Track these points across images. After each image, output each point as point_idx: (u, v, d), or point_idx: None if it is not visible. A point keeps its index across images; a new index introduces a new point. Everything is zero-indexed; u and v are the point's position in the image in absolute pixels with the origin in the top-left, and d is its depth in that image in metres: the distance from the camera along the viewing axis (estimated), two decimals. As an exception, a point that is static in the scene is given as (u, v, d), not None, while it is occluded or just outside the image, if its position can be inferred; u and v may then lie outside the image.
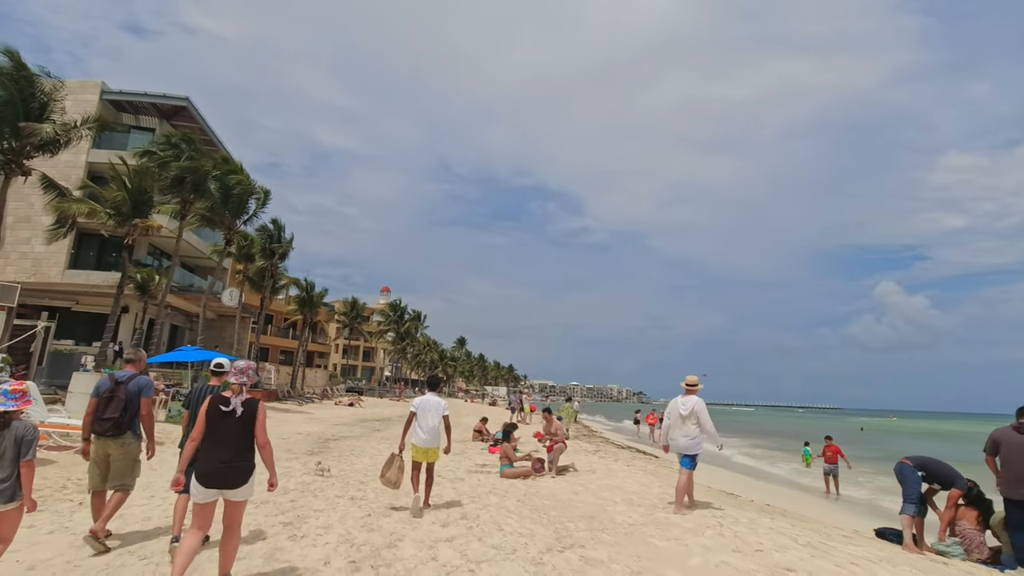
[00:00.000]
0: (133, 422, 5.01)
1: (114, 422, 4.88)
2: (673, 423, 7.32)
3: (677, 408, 7.31)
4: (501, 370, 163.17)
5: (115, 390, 4.98)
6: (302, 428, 18.57)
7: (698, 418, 7.03)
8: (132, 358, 5.40)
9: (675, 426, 7.29)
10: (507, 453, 9.97)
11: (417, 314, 79.30)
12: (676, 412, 7.29)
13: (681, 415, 7.21)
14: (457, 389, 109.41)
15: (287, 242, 33.08)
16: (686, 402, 7.24)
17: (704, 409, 7.14)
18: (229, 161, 23.69)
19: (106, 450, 4.93)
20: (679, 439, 7.19)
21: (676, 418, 7.27)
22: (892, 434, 50.60)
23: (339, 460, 11.21)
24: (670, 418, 7.40)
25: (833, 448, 14.77)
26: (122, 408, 4.92)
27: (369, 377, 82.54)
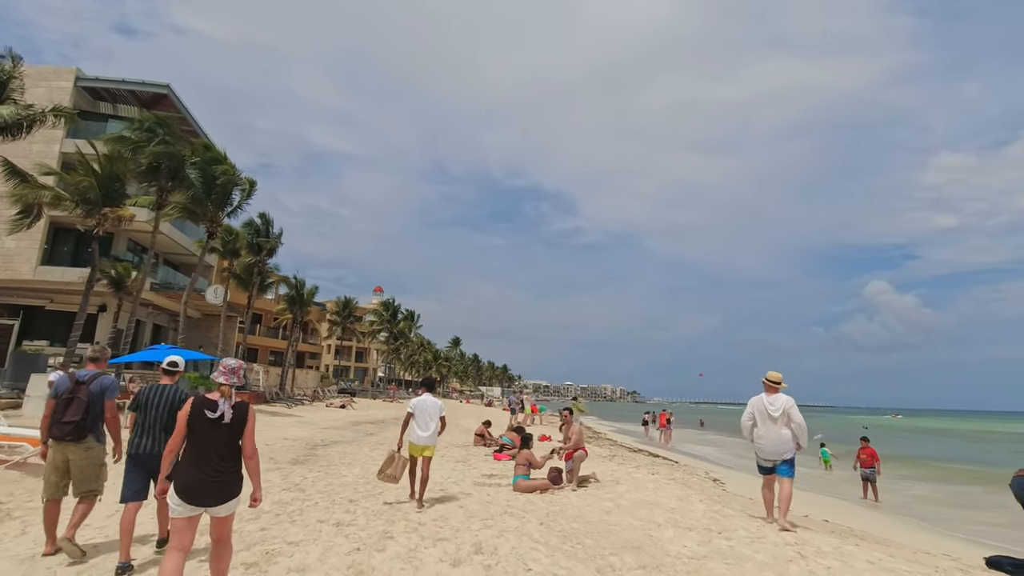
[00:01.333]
0: (96, 425, 4.67)
1: (75, 426, 4.54)
2: (761, 426, 6.60)
3: (764, 408, 6.59)
4: (495, 370, 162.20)
5: (76, 391, 4.64)
6: (289, 433, 17.18)
7: (791, 418, 6.40)
8: (95, 356, 5.02)
9: (764, 429, 6.57)
10: (531, 460, 8.66)
11: (410, 313, 77.87)
12: (764, 413, 6.58)
13: (772, 416, 6.50)
14: (451, 390, 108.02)
15: (275, 237, 31.57)
16: (775, 401, 6.56)
17: (796, 408, 6.51)
18: (211, 149, 22.21)
19: (66, 455, 4.58)
20: (771, 444, 6.51)
21: (764, 420, 6.57)
22: (899, 433, 49.60)
23: (326, 471, 9.85)
24: (753, 420, 6.69)
25: (869, 451, 13.55)
26: (83, 410, 4.58)
27: (362, 378, 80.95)
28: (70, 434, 4.54)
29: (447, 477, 9.55)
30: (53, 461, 4.60)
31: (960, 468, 20.93)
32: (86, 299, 17.44)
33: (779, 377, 6.72)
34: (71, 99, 27.89)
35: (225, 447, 3.46)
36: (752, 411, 6.71)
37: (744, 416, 6.84)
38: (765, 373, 6.81)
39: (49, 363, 17.80)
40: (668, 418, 27.05)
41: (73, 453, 4.57)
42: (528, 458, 8.60)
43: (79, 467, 4.57)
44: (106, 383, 4.76)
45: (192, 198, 21.65)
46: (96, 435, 4.67)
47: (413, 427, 7.04)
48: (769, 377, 6.73)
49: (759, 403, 6.66)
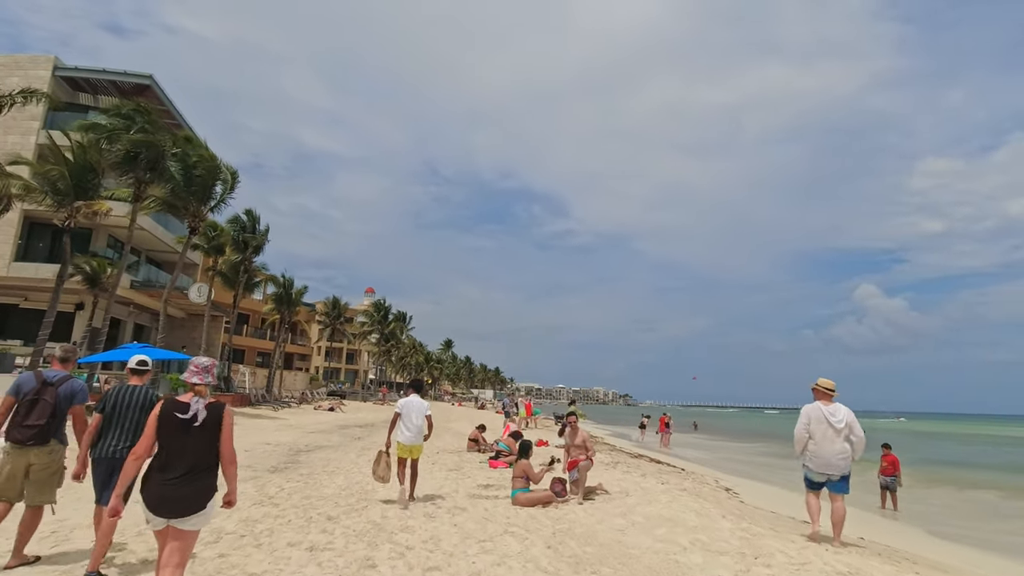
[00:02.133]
0: (59, 429, 4.39)
1: (38, 430, 4.23)
2: (820, 438, 6.03)
3: (824, 419, 6.06)
4: (488, 373, 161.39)
5: (42, 392, 4.31)
6: (272, 437, 16.25)
7: (853, 432, 5.96)
8: (64, 356, 4.66)
9: (823, 442, 6.02)
10: (528, 473, 7.76)
11: (402, 314, 76.81)
12: (824, 424, 6.05)
13: (834, 428, 6.00)
14: (443, 392, 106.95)
15: (262, 234, 30.56)
16: (835, 412, 6.07)
17: (857, 421, 6.06)
18: (192, 140, 21.22)
19: (27, 460, 4.24)
20: (832, 458, 5.97)
21: (824, 432, 6.03)
22: (905, 436, 49.02)
23: (306, 481, 8.98)
24: (809, 431, 6.13)
25: (891, 459, 12.75)
26: (49, 414, 4.28)
27: (352, 380, 79.81)
28: (32, 438, 4.23)
29: (439, 487, 8.71)
30: (13, 468, 4.25)
31: (971, 474, 20.32)
32: (56, 295, 16.42)
33: (833, 385, 6.22)
34: (49, 89, 26.87)
35: (199, 452, 3.14)
36: (807, 422, 6.13)
37: (798, 427, 6.22)
38: (816, 380, 6.31)
39: (16, 363, 16.77)
40: (667, 421, 26.30)
41: (36, 457, 4.27)
42: (525, 470, 7.71)
43: (39, 474, 4.28)
44: (76, 387, 4.46)
45: (172, 191, 20.69)
46: (60, 438, 4.41)
47: (400, 427, 7.24)
48: (823, 384, 6.21)
49: (817, 413, 6.09)
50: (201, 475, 3.13)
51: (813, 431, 6.06)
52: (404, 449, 7.20)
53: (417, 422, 7.25)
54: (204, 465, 3.15)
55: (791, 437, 6.45)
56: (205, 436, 3.16)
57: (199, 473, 3.12)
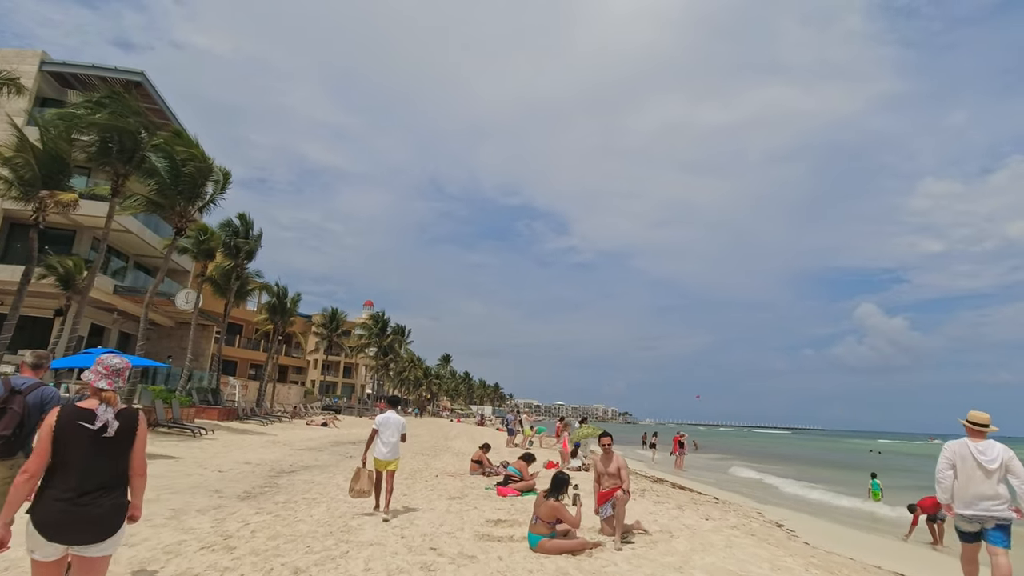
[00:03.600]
0: (27, 441, 3.89)
1: (4, 441, 3.78)
2: (966, 480, 5.22)
3: (972, 458, 5.23)
4: (487, 388, 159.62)
5: (9, 401, 3.87)
6: (254, 455, 14.71)
7: (1012, 473, 5.03)
8: (36, 363, 4.22)
9: (970, 485, 5.20)
10: (562, 517, 5.97)
11: (400, 328, 75.34)
12: (971, 464, 5.22)
13: (986, 468, 5.16)
14: (442, 408, 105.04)
15: (255, 239, 29.17)
16: (986, 449, 5.23)
17: (1018, 461, 5.15)
18: (182, 135, 19.93)
19: None
20: (980, 503, 5.13)
21: (972, 472, 5.21)
22: (925, 459, 47.15)
23: (280, 511, 7.44)
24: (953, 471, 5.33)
25: None
26: (17, 423, 3.83)
27: (349, 395, 78.00)
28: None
29: (440, 524, 7.16)
30: None
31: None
32: (20, 296, 14.97)
33: (987, 419, 5.36)
34: (35, 84, 25.75)
35: (111, 466, 2.77)
36: (952, 461, 5.32)
37: (941, 465, 5.39)
38: (966, 414, 5.45)
39: (-24, 370, 15.26)
40: (681, 440, 24.69)
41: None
42: (556, 513, 5.95)
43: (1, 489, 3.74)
44: (47, 395, 4.06)
45: (158, 189, 19.35)
46: (26, 451, 3.87)
47: (377, 443, 7.45)
48: (973, 419, 5.37)
49: (963, 450, 5.28)
50: (114, 492, 2.77)
51: (960, 472, 5.22)
52: (380, 464, 7.45)
53: (393, 438, 7.46)
54: (116, 481, 2.79)
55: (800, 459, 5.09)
56: (118, 448, 2.80)
57: (112, 490, 2.76)
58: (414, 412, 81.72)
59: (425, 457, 17.59)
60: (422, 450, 20.46)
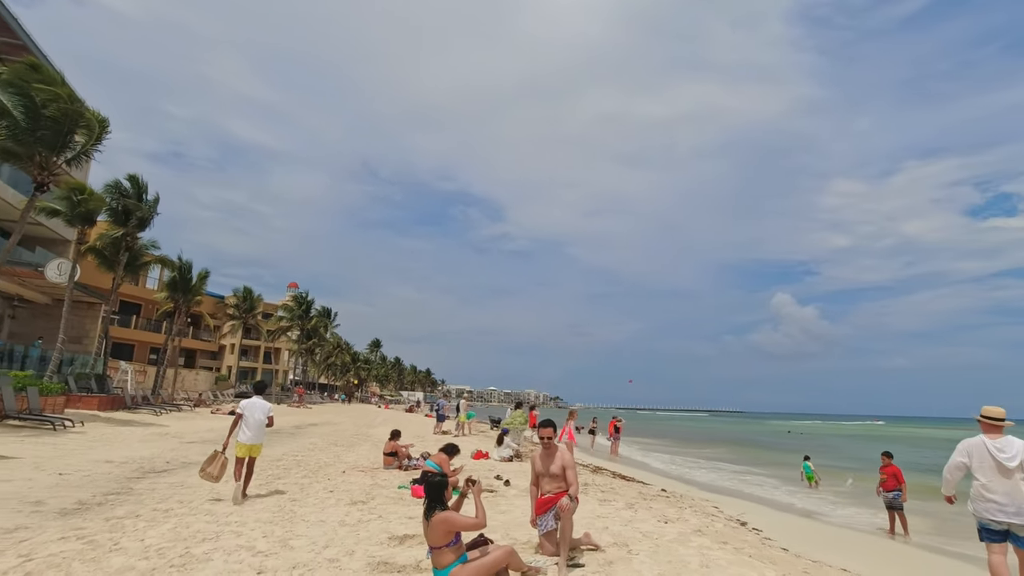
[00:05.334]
0: None
1: None
2: (987, 478, 4.83)
3: (990, 455, 4.87)
4: (418, 374, 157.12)
5: None
6: (125, 452, 12.23)
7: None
8: None
9: (994, 484, 4.77)
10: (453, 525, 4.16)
11: (326, 311, 71.58)
12: (989, 461, 4.87)
13: (1005, 466, 4.78)
14: (371, 394, 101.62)
15: (150, 205, 25.51)
16: (1005, 447, 4.87)
17: None
18: (41, 69, 16.58)
19: None
20: (1009, 504, 4.70)
21: (991, 470, 4.84)
22: (882, 443, 49.24)
23: (103, 533, 5.38)
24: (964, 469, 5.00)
25: (892, 470, 10.52)
26: None
27: (270, 381, 73.30)
28: None
29: (324, 546, 5.34)
30: None
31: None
32: None
33: (1002, 413, 5.01)
34: None
35: None
36: (965, 459, 5.00)
37: (952, 464, 5.09)
38: (980, 409, 5.11)
39: None
40: (616, 425, 23.74)
41: None
42: (448, 526, 4.15)
43: None
44: None
45: (10, 133, 16.00)
46: None
47: (242, 428, 7.46)
48: (988, 414, 5.03)
49: (979, 448, 4.95)
50: None
51: (977, 470, 4.90)
52: (243, 448, 7.46)
53: (258, 422, 7.56)
54: None
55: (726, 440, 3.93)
56: None
57: None
58: (340, 398, 78.22)
59: (338, 449, 15.54)
60: (338, 440, 18.35)
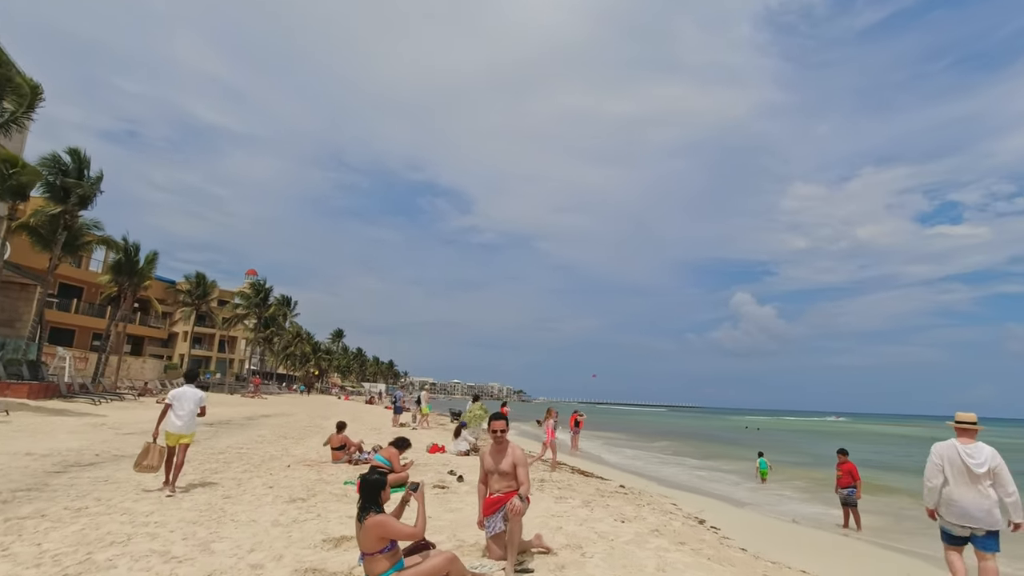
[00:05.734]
0: None
1: None
2: (956, 484, 4.83)
3: (960, 460, 4.85)
4: (381, 366, 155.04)
5: None
6: (50, 444, 11.34)
7: (999, 482, 4.71)
8: None
9: (960, 488, 4.81)
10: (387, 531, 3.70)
11: (285, 299, 69.87)
12: (959, 467, 4.85)
13: (974, 472, 4.77)
14: (331, 385, 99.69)
15: (93, 182, 24.03)
16: (975, 452, 4.84)
17: (1005, 465, 4.80)
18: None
19: None
20: (972, 507, 4.73)
21: (960, 476, 4.83)
22: (838, 438, 50.43)
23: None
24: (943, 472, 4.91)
25: (848, 467, 10.54)
26: None
27: (224, 371, 70.99)
28: None
29: (250, 549, 4.85)
30: None
31: (887, 480, 19.46)
32: None
33: (974, 418, 5.02)
34: None
35: None
36: (941, 463, 4.96)
37: (929, 469, 5.01)
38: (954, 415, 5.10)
39: None
40: (577, 420, 23.54)
41: None
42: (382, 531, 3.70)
43: None
44: None
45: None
46: None
47: (171, 416, 7.33)
48: (961, 419, 5.03)
49: (951, 453, 4.94)
50: None
51: (948, 474, 4.88)
52: (172, 438, 7.31)
53: (188, 411, 7.35)
54: None
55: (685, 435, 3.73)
56: None
57: None
58: (299, 389, 76.36)
59: (288, 441, 14.87)
60: (290, 432, 17.62)
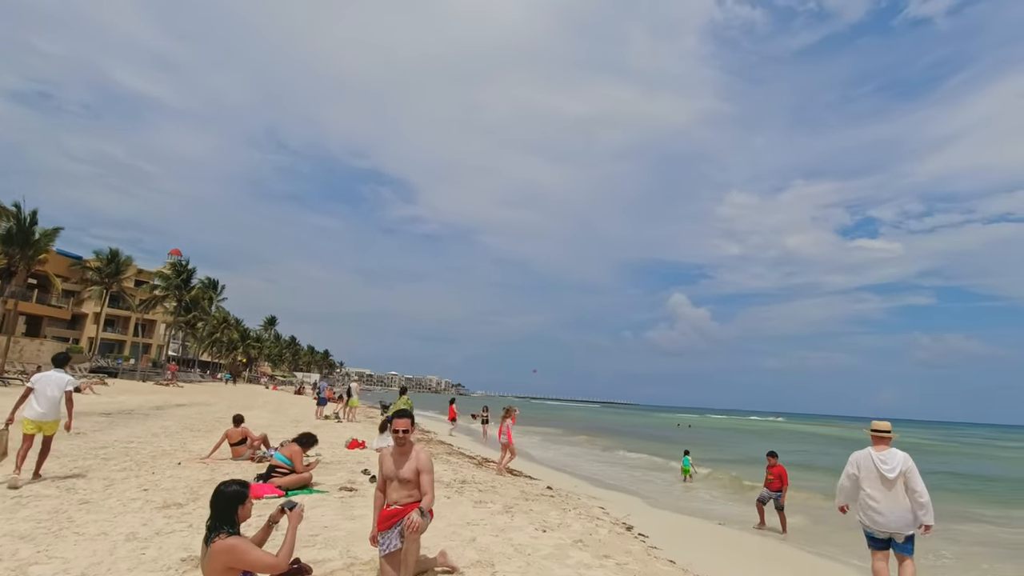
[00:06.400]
0: None
1: None
2: (872, 489, 4.99)
3: (874, 467, 5.03)
4: (315, 355, 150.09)
5: None
6: None
7: (909, 486, 4.87)
8: None
9: (877, 494, 4.95)
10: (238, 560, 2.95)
11: (212, 282, 66.10)
12: (874, 473, 5.02)
13: (886, 477, 4.93)
14: (260, 374, 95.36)
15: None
16: (888, 458, 5.01)
17: (917, 473, 4.94)
18: None
19: None
20: (890, 514, 4.90)
21: (875, 482, 4.99)
22: (738, 434, 51.86)
23: None
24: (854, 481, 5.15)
25: (778, 470, 10.40)
26: None
27: (140, 356, 66.33)
28: None
29: (92, 565, 3.93)
30: None
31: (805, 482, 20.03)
32: None
33: (888, 427, 5.23)
34: None
35: None
36: (854, 470, 5.20)
37: (843, 476, 5.30)
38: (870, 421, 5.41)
39: None
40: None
41: None
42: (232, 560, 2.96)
43: None
44: None
45: None
46: None
47: (31, 402, 6.90)
48: (876, 427, 5.27)
49: (866, 460, 5.15)
50: None
51: (863, 480, 5.10)
52: (31, 425, 6.84)
53: (52, 395, 6.90)
54: None
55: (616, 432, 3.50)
56: None
57: None
58: (224, 378, 72.44)
59: (193, 434, 13.52)
60: (199, 423, 16.15)
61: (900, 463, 4.97)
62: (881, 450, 5.09)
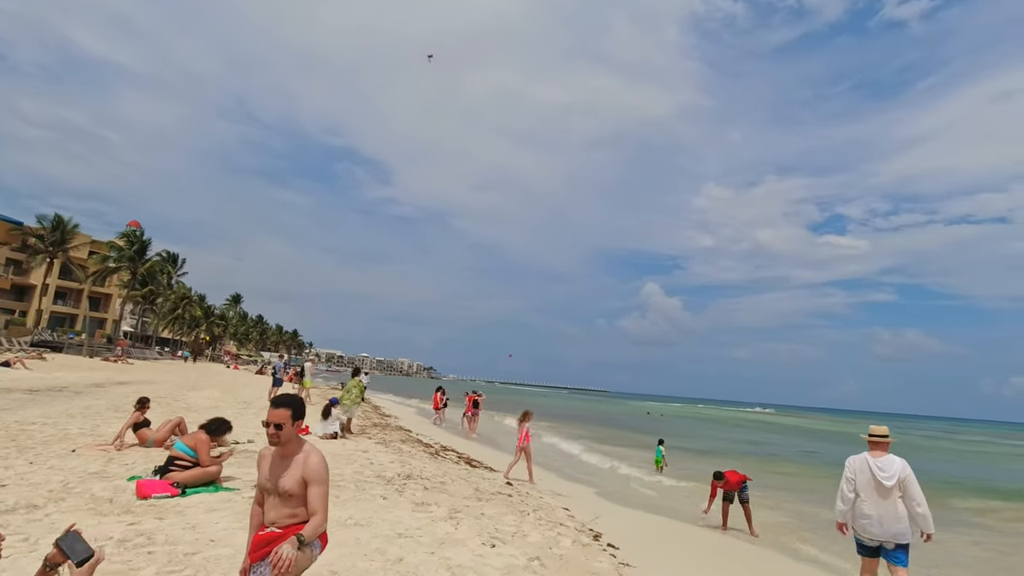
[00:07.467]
0: None
1: None
2: (867, 496, 4.76)
3: (871, 474, 4.76)
4: (284, 335, 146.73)
5: None
6: None
7: (907, 494, 4.62)
8: None
9: (871, 501, 4.73)
10: None
11: (171, 256, 63.41)
12: (869, 480, 4.76)
13: (883, 485, 4.68)
14: (224, 352, 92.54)
15: None
16: (886, 466, 4.73)
17: (915, 481, 4.68)
18: None
19: None
20: (882, 521, 4.65)
21: (871, 489, 4.75)
22: (707, 423, 51.88)
23: None
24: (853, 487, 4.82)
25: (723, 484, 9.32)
26: None
27: (93, 331, 63.30)
28: None
29: None
30: None
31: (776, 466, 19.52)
32: None
33: (886, 431, 4.90)
34: None
35: None
36: (852, 476, 4.82)
37: (843, 483, 4.86)
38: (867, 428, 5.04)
39: None
40: (475, 400, 21.90)
41: None
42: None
43: None
44: None
45: None
46: None
47: None
48: (874, 432, 4.90)
49: (863, 465, 4.81)
50: None
51: (860, 487, 4.75)
52: None
53: None
54: None
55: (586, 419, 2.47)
56: None
57: None
58: (183, 355, 69.77)
59: (118, 415, 12.12)
60: (130, 404, 14.64)
61: (898, 471, 4.75)
62: (878, 456, 4.85)
